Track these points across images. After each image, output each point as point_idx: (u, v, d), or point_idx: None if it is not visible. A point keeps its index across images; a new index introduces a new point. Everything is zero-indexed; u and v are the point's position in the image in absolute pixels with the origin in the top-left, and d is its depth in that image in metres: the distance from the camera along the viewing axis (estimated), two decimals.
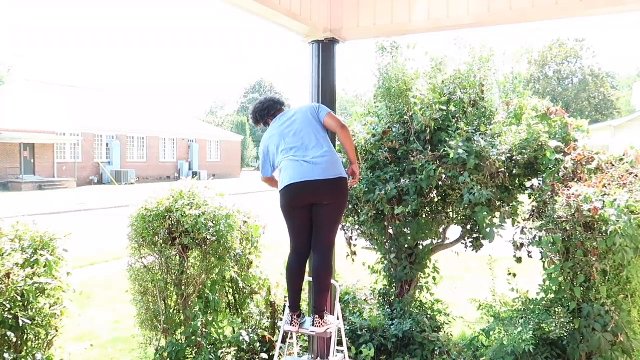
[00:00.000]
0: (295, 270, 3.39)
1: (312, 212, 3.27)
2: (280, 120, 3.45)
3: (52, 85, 37.51)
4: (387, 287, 5.01)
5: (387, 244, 4.86)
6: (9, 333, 3.21)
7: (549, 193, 4.05)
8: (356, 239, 5.19)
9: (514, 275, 4.42)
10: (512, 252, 4.50)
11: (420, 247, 4.83)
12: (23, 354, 3.40)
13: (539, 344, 3.84)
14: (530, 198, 4.43)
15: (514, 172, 4.43)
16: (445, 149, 4.34)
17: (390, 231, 4.84)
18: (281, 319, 4.47)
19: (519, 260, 4.45)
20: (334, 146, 3.59)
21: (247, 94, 65.68)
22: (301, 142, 3.26)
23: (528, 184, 4.43)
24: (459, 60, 4.87)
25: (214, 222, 4.01)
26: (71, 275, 3.69)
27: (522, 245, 4.46)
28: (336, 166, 3.25)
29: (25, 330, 3.38)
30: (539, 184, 4.35)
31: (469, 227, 4.78)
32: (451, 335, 4.82)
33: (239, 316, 4.60)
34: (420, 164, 4.39)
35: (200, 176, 35.97)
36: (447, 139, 4.42)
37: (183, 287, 4.10)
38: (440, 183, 4.52)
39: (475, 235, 4.77)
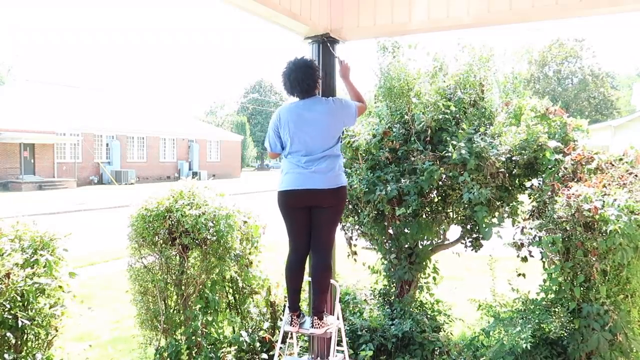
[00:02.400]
0: (295, 269, 3.38)
1: (311, 213, 3.27)
2: (302, 108, 3.21)
3: (52, 85, 37.53)
4: (387, 287, 5.01)
5: (387, 244, 4.86)
6: (8, 333, 3.21)
7: (549, 193, 4.05)
8: (356, 239, 5.19)
9: (524, 275, 4.40)
10: (512, 252, 4.50)
11: (420, 247, 4.83)
12: (23, 354, 3.40)
13: (539, 344, 3.84)
14: (530, 198, 4.43)
15: (514, 172, 4.43)
16: (446, 149, 4.34)
17: (390, 231, 4.84)
18: (281, 319, 4.47)
19: (525, 259, 4.44)
20: (342, 155, 3.49)
21: (247, 94, 65.66)
22: (309, 150, 3.18)
23: (528, 184, 4.43)
24: (460, 61, 4.87)
25: (214, 222, 4.01)
26: (75, 277, 3.68)
27: (522, 245, 4.46)
28: (338, 179, 3.22)
29: (25, 331, 3.38)
30: (539, 184, 4.35)
31: (468, 227, 4.78)
32: (451, 335, 4.82)
33: (238, 316, 4.60)
34: (422, 164, 4.39)
35: (200, 176, 35.98)
36: (448, 139, 4.42)
37: (183, 287, 4.10)
38: (440, 183, 4.52)
39: (475, 235, 4.77)
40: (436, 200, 4.79)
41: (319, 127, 3.17)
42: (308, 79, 3.20)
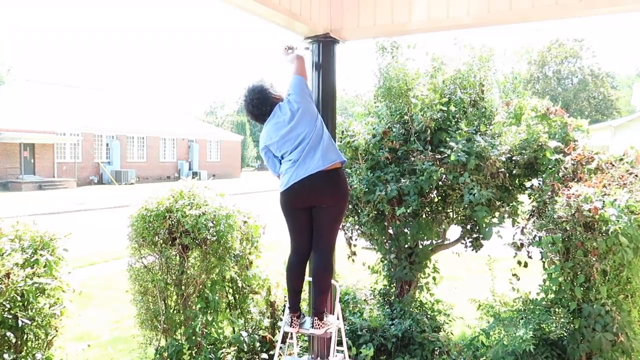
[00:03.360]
0: (295, 270, 3.38)
1: (313, 213, 3.27)
2: (273, 121, 3.36)
3: (52, 85, 37.51)
4: (387, 287, 5.01)
5: (387, 244, 4.86)
6: (8, 333, 3.21)
7: (549, 193, 4.05)
8: (356, 239, 5.19)
9: (517, 277, 4.39)
10: (512, 252, 4.49)
11: (420, 247, 4.82)
12: (23, 354, 3.40)
13: (539, 344, 3.84)
14: (530, 198, 4.42)
15: (514, 172, 4.43)
16: (446, 149, 4.34)
17: (390, 231, 4.84)
18: (281, 319, 4.47)
19: (525, 265, 4.40)
20: (330, 130, 3.62)
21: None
22: (297, 143, 3.24)
23: (528, 184, 4.43)
24: (459, 60, 4.87)
25: (214, 222, 4.01)
26: (71, 274, 3.69)
27: (522, 245, 4.46)
28: (328, 154, 3.22)
29: (25, 331, 3.38)
30: (539, 184, 4.35)
31: (468, 227, 4.78)
32: (451, 335, 4.82)
33: (239, 316, 4.60)
34: (421, 165, 4.39)
35: (200, 176, 35.96)
36: (448, 139, 4.42)
37: (183, 287, 4.10)
38: (440, 183, 4.52)
39: (475, 235, 4.77)
40: (436, 200, 4.79)
41: (293, 121, 3.25)
42: (265, 103, 3.36)
